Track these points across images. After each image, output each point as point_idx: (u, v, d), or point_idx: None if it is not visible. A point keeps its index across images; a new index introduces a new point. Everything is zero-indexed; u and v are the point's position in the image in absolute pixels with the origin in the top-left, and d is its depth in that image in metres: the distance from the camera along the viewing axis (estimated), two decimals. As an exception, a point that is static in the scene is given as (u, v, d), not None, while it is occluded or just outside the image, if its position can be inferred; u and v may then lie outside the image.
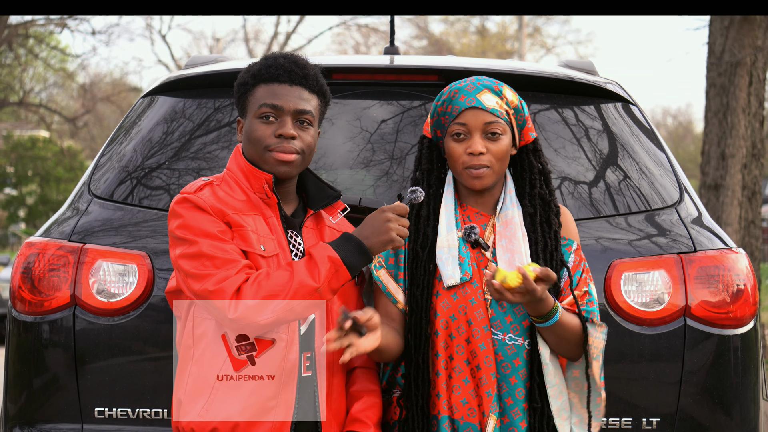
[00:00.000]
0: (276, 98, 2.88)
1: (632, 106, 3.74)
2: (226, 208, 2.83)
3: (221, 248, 2.77)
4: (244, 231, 2.83)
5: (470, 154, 2.96)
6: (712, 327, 3.31)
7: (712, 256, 3.35)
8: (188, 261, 2.77)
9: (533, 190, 3.04)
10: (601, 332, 2.96)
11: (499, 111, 2.97)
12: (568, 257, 3.04)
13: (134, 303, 3.31)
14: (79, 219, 3.46)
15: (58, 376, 3.35)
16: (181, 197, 2.85)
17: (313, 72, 2.94)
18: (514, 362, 2.94)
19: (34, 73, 34.18)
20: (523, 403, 2.94)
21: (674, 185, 3.55)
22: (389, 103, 3.63)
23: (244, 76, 2.94)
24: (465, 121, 2.97)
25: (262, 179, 2.88)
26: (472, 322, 2.94)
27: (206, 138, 3.60)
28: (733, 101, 9.91)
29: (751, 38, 9.89)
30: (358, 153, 3.55)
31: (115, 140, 3.73)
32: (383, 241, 2.79)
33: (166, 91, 3.75)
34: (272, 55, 2.97)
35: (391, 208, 2.81)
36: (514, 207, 3.02)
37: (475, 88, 2.98)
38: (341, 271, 2.76)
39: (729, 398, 3.35)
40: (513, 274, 2.77)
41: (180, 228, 2.81)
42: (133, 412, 3.32)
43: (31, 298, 3.36)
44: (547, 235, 3.01)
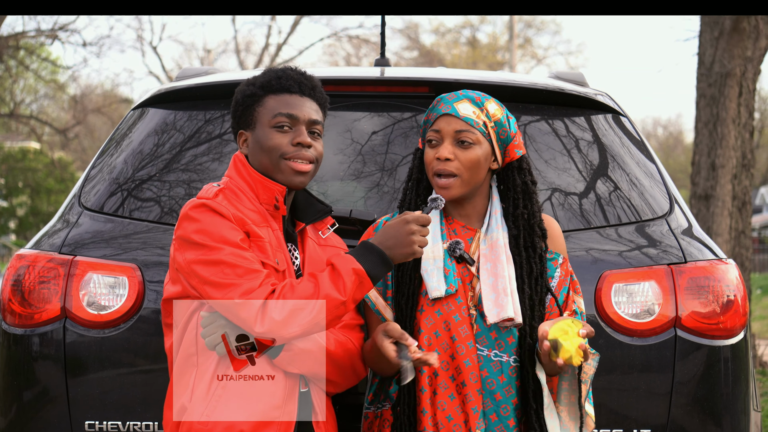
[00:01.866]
0: (291, 108, 2.90)
1: (622, 118, 3.75)
2: (246, 218, 2.83)
3: (242, 256, 2.75)
4: (263, 243, 2.82)
5: (438, 159, 2.98)
6: (703, 338, 3.32)
7: (702, 267, 3.36)
8: (206, 267, 2.75)
9: (516, 210, 3.04)
10: (593, 360, 2.96)
11: (473, 120, 2.98)
12: (554, 272, 3.05)
13: (125, 315, 3.31)
14: (69, 231, 3.45)
15: (49, 388, 3.34)
16: (199, 202, 2.82)
17: (319, 85, 2.98)
18: (499, 379, 2.94)
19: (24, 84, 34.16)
20: (508, 420, 2.94)
21: (664, 196, 3.55)
22: (380, 114, 3.64)
23: (251, 88, 2.94)
24: (438, 127, 3.00)
25: (274, 191, 2.88)
26: (456, 339, 2.94)
27: (197, 150, 3.60)
28: (723, 112, 9.94)
29: (740, 49, 9.92)
30: (349, 165, 3.55)
31: (106, 152, 3.72)
32: (406, 253, 2.80)
33: (157, 103, 3.75)
34: (278, 68, 2.98)
35: (415, 219, 2.80)
36: (500, 229, 3.02)
37: (455, 98, 3.01)
38: (365, 282, 2.77)
39: (719, 409, 3.35)
40: (575, 351, 2.80)
41: (198, 233, 2.77)
42: (124, 425, 3.31)
43: (21, 311, 3.35)
44: (532, 260, 3.01)
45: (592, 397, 3.02)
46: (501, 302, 2.93)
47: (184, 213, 2.82)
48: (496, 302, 2.94)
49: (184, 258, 2.79)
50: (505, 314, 2.92)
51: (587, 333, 2.81)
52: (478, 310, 2.96)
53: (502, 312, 2.93)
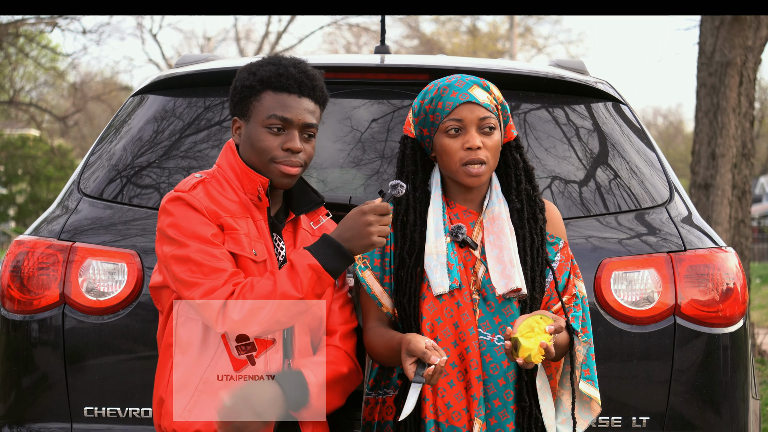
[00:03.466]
0: (286, 110, 2.85)
1: (623, 106, 3.74)
2: (221, 210, 2.82)
3: (210, 254, 2.75)
4: (237, 234, 2.82)
5: (468, 149, 2.94)
6: (702, 326, 3.32)
7: (701, 255, 3.36)
8: (177, 264, 2.77)
9: (519, 186, 3.04)
10: (582, 346, 2.96)
11: (491, 106, 2.97)
12: (555, 256, 3.05)
13: (124, 302, 3.31)
14: (68, 217, 3.45)
15: (48, 375, 3.35)
16: (175, 195, 2.83)
17: (320, 84, 2.92)
18: (503, 363, 2.93)
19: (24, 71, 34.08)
20: (511, 405, 2.94)
21: (664, 184, 3.55)
22: (380, 102, 3.63)
23: (250, 80, 2.89)
24: (461, 116, 2.95)
25: (257, 182, 2.87)
26: (458, 325, 2.94)
27: (196, 137, 3.60)
28: (723, 101, 9.92)
29: (741, 38, 9.90)
30: (349, 152, 3.55)
31: (105, 139, 3.72)
32: (364, 244, 2.76)
33: (157, 90, 3.75)
34: (281, 61, 2.92)
35: (372, 209, 2.76)
36: (501, 203, 3.02)
37: (465, 84, 2.98)
38: (323, 277, 2.75)
39: (718, 397, 3.35)
40: (535, 350, 2.75)
41: (171, 227, 2.79)
42: (123, 411, 3.31)
43: (20, 297, 3.35)
44: (533, 232, 3.02)
45: (598, 382, 3.02)
46: (508, 273, 2.93)
47: (161, 206, 2.85)
48: (503, 273, 2.93)
49: (161, 251, 2.82)
50: (513, 284, 2.92)
51: (555, 329, 2.79)
52: (480, 295, 2.96)
53: (510, 283, 2.92)
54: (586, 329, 3.00)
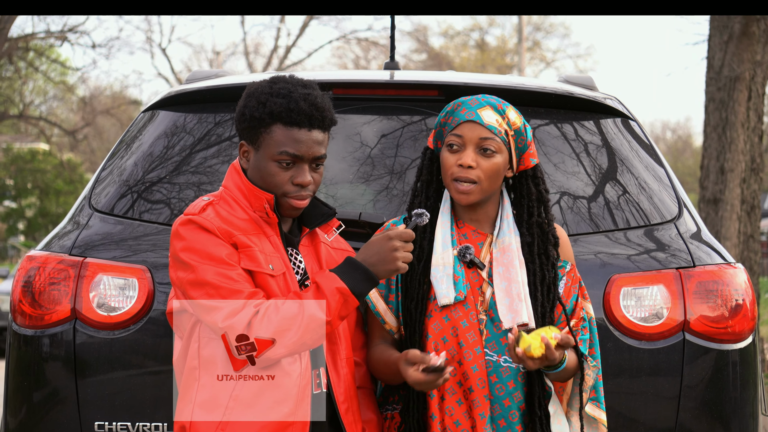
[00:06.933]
0: (296, 146, 2.84)
1: (631, 122, 3.75)
2: (233, 229, 2.82)
3: (226, 276, 2.76)
4: (252, 251, 2.82)
5: (459, 165, 2.96)
6: (711, 342, 3.32)
7: (710, 271, 3.36)
8: (194, 289, 2.77)
9: (531, 218, 3.04)
10: (592, 371, 2.97)
11: (497, 129, 2.97)
12: (561, 279, 3.05)
13: (135, 317, 3.32)
14: (79, 233, 3.47)
15: (59, 389, 3.36)
16: (186, 218, 2.83)
17: (329, 114, 2.90)
18: (509, 384, 2.94)
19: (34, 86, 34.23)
20: (516, 425, 2.94)
21: (673, 200, 3.56)
22: (389, 118, 3.65)
23: (260, 111, 2.85)
24: (461, 133, 2.97)
25: (263, 199, 2.87)
26: (463, 344, 2.94)
27: (207, 152, 3.61)
28: (732, 116, 9.93)
29: (750, 53, 9.91)
30: (359, 168, 3.56)
31: (116, 154, 3.74)
32: (389, 269, 2.79)
33: (167, 106, 3.76)
34: (291, 94, 2.86)
35: (398, 235, 2.80)
36: (512, 233, 3.02)
37: (477, 104, 2.99)
38: (350, 300, 2.77)
39: (728, 413, 3.35)
40: (536, 343, 2.77)
41: (185, 251, 2.79)
42: (133, 426, 3.32)
43: (31, 312, 3.36)
44: (545, 268, 3.01)
45: (604, 403, 3.03)
46: (515, 307, 2.93)
47: (173, 230, 2.84)
48: (511, 307, 2.94)
49: (176, 276, 2.82)
50: (520, 320, 2.92)
51: (563, 338, 2.81)
52: (488, 315, 2.97)
53: (517, 317, 2.93)
54: (593, 350, 3.01)
